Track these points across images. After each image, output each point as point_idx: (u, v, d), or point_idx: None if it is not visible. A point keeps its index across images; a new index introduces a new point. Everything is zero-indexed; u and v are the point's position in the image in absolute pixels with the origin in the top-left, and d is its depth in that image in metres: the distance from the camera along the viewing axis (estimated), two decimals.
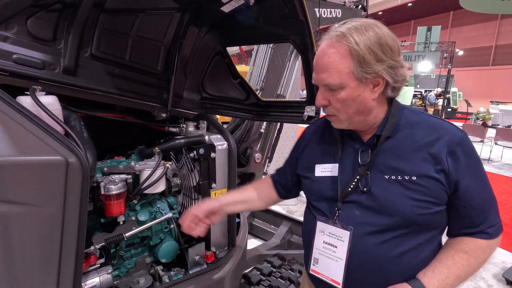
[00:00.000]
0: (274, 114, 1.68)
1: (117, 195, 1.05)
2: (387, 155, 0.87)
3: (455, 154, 0.82)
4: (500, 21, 17.89)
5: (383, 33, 0.82)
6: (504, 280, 2.71)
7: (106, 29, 1.23)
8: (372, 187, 0.87)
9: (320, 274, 0.94)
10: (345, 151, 0.95)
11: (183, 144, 1.31)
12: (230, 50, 1.69)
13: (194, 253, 1.27)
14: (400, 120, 0.89)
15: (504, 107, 13.30)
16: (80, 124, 1.08)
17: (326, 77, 0.83)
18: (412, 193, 0.82)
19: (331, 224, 0.91)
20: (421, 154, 0.83)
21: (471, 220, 0.85)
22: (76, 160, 0.81)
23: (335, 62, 0.82)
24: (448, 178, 0.81)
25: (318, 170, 0.99)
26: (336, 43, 0.82)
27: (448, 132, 0.84)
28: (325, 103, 0.88)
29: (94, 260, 1.07)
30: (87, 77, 1.23)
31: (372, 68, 0.80)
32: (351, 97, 0.84)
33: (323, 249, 0.93)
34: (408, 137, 0.87)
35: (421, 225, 0.84)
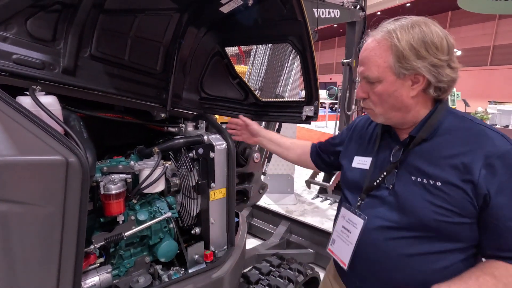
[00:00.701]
0: (273, 114, 1.69)
1: (116, 194, 1.05)
2: (418, 157, 0.87)
3: (493, 167, 0.76)
4: (498, 22, 17.96)
5: (431, 31, 0.82)
6: None
7: (105, 30, 1.24)
8: (396, 185, 0.88)
9: (333, 254, 1.03)
10: (382, 147, 0.98)
11: (182, 144, 1.31)
12: (228, 50, 1.70)
13: (193, 252, 1.28)
14: (442, 124, 0.86)
15: (502, 107, 13.32)
16: (79, 124, 1.08)
17: (365, 69, 0.88)
18: (433, 198, 0.80)
19: (351, 212, 0.98)
20: (453, 162, 0.80)
21: (506, 242, 0.78)
22: (76, 159, 0.81)
23: (375, 56, 0.85)
24: (476, 190, 0.77)
25: (355, 162, 1.04)
26: (380, 38, 0.86)
27: (491, 143, 0.79)
28: (364, 95, 0.92)
29: (94, 259, 1.07)
30: (87, 77, 1.24)
31: (410, 64, 0.81)
32: (387, 92, 0.86)
33: (340, 232, 1.01)
34: (445, 143, 0.84)
35: (437, 232, 0.81)
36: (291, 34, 1.35)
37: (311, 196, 4.72)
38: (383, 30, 0.86)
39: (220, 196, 1.40)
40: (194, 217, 1.39)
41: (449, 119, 0.87)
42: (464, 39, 19.48)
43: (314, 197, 4.68)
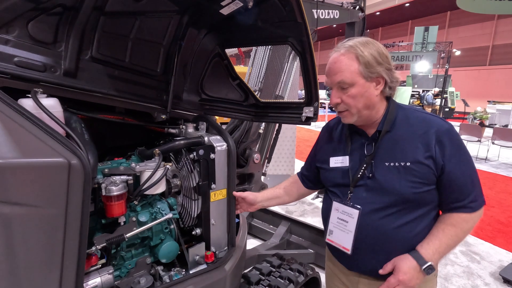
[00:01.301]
0: (273, 115, 1.69)
1: (118, 196, 1.06)
2: (387, 146, 1.08)
3: (442, 142, 1.01)
4: (496, 21, 18.00)
5: (379, 46, 1.07)
6: (501, 278, 2.74)
7: (106, 32, 1.24)
8: (375, 173, 1.08)
9: (333, 242, 1.19)
10: (354, 145, 1.17)
11: (183, 145, 1.32)
12: (228, 51, 1.70)
13: (194, 253, 1.28)
14: (397, 117, 1.10)
15: (501, 107, 13.38)
16: (81, 126, 1.09)
17: (340, 76, 1.06)
18: (406, 176, 1.03)
19: (344, 204, 1.15)
20: (414, 144, 1.04)
21: (456, 196, 1.04)
22: (78, 161, 0.82)
23: (346, 64, 1.05)
24: (436, 163, 1.01)
25: (332, 162, 1.22)
26: (345, 52, 1.06)
27: (436, 125, 1.04)
28: (338, 101, 1.09)
29: (96, 260, 1.08)
30: (88, 79, 1.24)
31: (374, 69, 1.04)
32: (360, 93, 1.05)
33: (337, 223, 1.17)
34: (404, 131, 1.07)
35: (415, 202, 1.04)
36: (291, 35, 1.36)
37: (311, 196, 4.73)
38: (346, 46, 1.07)
39: (220, 197, 1.41)
40: (195, 218, 1.39)
41: (400, 112, 1.11)
42: (463, 39, 19.52)
43: (314, 198, 4.68)
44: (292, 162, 4.62)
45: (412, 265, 1.03)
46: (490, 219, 4.06)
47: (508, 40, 17.57)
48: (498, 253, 3.21)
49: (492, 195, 5.03)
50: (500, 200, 4.81)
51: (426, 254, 1.03)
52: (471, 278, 2.77)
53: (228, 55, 1.68)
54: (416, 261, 1.03)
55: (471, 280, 2.74)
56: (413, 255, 1.04)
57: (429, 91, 15.55)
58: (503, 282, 2.71)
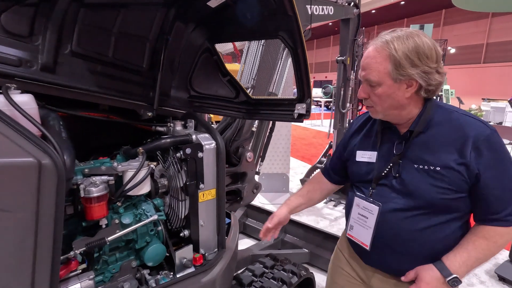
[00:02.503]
0: (264, 112, 1.64)
1: (98, 197, 1.00)
2: (418, 147, 1.02)
3: (479, 149, 0.93)
4: (491, 19, 18.09)
5: (423, 42, 0.96)
6: (497, 276, 2.72)
7: (87, 25, 1.18)
8: (402, 173, 1.04)
9: (353, 238, 1.19)
10: (384, 142, 1.13)
11: (169, 144, 1.27)
12: (224, 49, 1.65)
13: (181, 256, 1.24)
14: (433, 118, 1.03)
15: (495, 104, 13.46)
16: (59, 124, 1.03)
17: (367, 73, 1.02)
18: (435, 181, 0.97)
19: (365, 200, 1.12)
20: (448, 149, 0.97)
21: (493, 208, 0.96)
22: (50, 161, 0.76)
23: (376, 63, 1.00)
24: (469, 170, 0.93)
25: (359, 155, 1.19)
26: (380, 48, 0.99)
27: (476, 130, 0.95)
28: (365, 96, 1.06)
29: (75, 265, 1.02)
30: (67, 74, 1.18)
31: (406, 71, 0.96)
32: (386, 94, 1.01)
33: (357, 219, 1.16)
34: (438, 133, 1.00)
35: (441, 207, 0.98)
36: (282, 29, 1.31)
37: None
38: (382, 40, 0.99)
39: (209, 197, 1.36)
40: (183, 219, 1.34)
41: (438, 113, 1.03)
42: (458, 37, 19.61)
43: None
44: (287, 161, 4.58)
45: (435, 275, 0.98)
46: None
47: (503, 38, 17.66)
48: None
49: None
50: None
51: (451, 265, 0.97)
52: (466, 276, 2.75)
53: (224, 53, 1.63)
54: (440, 272, 0.97)
55: (466, 278, 2.72)
56: (438, 265, 0.99)
57: None
58: (498, 280, 2.70)
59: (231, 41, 1.60)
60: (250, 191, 2.50)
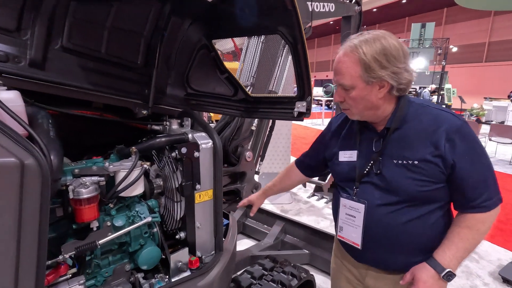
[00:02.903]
0: (264, 110, 1.59)
1: (88, 199, 0.96)
2: (396, 143, 1.06)
3: (452, 140, 0.97)
4: (493, 18, 17.99)
5: (389, 44, 0.99)
6: (501, 278, 2.67)
7: (78, 19, 1.14)
8: (382, 170, 1.07)
9: (344, 239, 1.19)
10: (363, 140, 1.16)
11: (164, 143, 1.22)
12: (224, 47, 1.60)
13: (176, 259, 1.19)
14: (407, 114, 1.06)
15: (497, 103, 13.38)
16: (47, 122, 0.98)
17: (341, 78, 1.04)
18: (414, 174, 1.00)
19: (351, 200, 1.14)
20: (424, 142, 1.00)
21: (469, 196, 1.00)
22: (33, 161, 0.72)
23: (347, 68, 1.02)
24: (445, 161, 0.97)
25: (341, 156, 1.21)
26: (349, 52, 1.02)
27: (447, 122, 0.99)
28: (340, 99, 1.09)
29: (65, 270, 0.98)
30: (58, 71, 1.14)
31: (376, 74, 0.99)
32: (360, 96, 1.03)
33: (345, 219, 1.17)
34: (413, 128, 1.04)
35: (422, 199, 1.02)
36: (281, 24, 1.26)
37: (307, 194, 4.65)
38: (351, 45, 1.02)
39: (206, 198, 1.31)
40: (179, 221, 1.30)
41: (411, 109, 1.07)
42: (460, 35, 19.50)
43: (310, 196, 4.61)
44: (287, 160, 4.53)
45: (430, 273, 1.02)
46: None
47: (505, 36, 17.55)
48: (496, 252, 3.15)
49: None
50: None
51: (443, 261, 1.01)
52: (470, 278, 2.70)
53: (224, 52, 1.58)
54: (434, 269, 1.01)
55: (470, 280, 2.67)
56: (430, 263, 1.03)
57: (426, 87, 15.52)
58: (502, 282, 2.65)
59: (229, 37, 1.56)
60: (250, 191, 2.45)
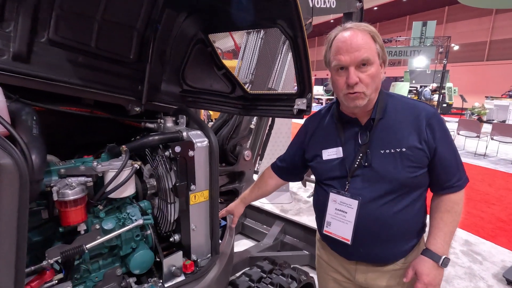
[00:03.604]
0: (262, 108, 1.53)
1: (74, 201, 0.90)
2: (381, 133, 1.07)
3: (431, 126, 1.03)
4: (494, 16, 17.89)
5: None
6: (505, 280, 2.62)
7: (65, 11, 1.07)
8: (372, 161, 1.07)
9: (332, 234, 1.17)
10: (347, 135, 1.14)
11: (157, 142, 1.16)
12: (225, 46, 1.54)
13: (169, 263, 1.14)
14: (387, 105, 1.10)
15: (498, 102, 13.30)
16: (31, 119, 0.93)
17: (363, 52, 0.99)
18: (402, 161, 1.03)
19: (343, 195, 1.12)
20: (407, 130, 1.04)
21: (446, 177, 1.07)
22: (10, 161, 0.66)
23: (368, 42, 1.00)
24: (429, 146, 1.03)
25: (325, 154, 1.18)
26: (361, 29, 1.01)
27: (423, 109, 1.06)
28: (357, 80, 1.01)
29: (50, 276, 0.92)
30: (44, 65, 1.08)
31: (384, 53, 1.05)
32: (376, 73, 1.02)
33: (335, 214, 1.15)
34: (395, 118, 1.07)
35: (410, 186, 1.05)
36: (280, 17, 1.20)
37: (307, 194, 4.59)
38: (357, 24, 1.03)
39: (202, 199, 1.26)
40: (173, 223, 1.24)
41: (391, 100, 1.11)
42: (461, 34, 19.40)
43: (310, 195, 4.55)
44: None
45: (430, 264, 1.06)
46: (490, 217, 3.94)
47: (506, 35, 17.44)
48: (500, 253, 3.09)
49: (492, 192, 4.92)
50: (500, 197, 4.70)
51: (437, 249, 1.06)
52: (473, 280, 2.64)
53: (224, 50, 1.52)
54: (432, 260, 1.06)
55: (473, 282, 2.62)
56: (427, 254, 1.07)
57: (427, 86, 15.43)
58: (506, 284, 2.59)
59: (227, 31, 1.49)
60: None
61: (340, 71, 1.04)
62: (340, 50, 1.01)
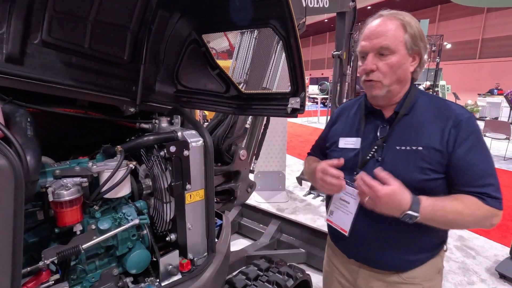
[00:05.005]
0: (257, 107, 1.54)
1: (70, 201, 0.91)
2: (402, 130, 1.03)
3: (458, 127, 0.96)
4: (486, 15, 18.10)
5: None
6: (497, 274, 2.67)
7: (58, 12, 1.08)
8: (385, 157, 1.03)
9: (332, 223, 1.16)
10: (368, 127, 1.12)
11: (152, 142, 1.17)
12: (220, 46, 1.55)
13: (166, 262, 1.14)
14: (417, 101, 1.04)
15: (491, 99, 13.47)
16: (26, 121, 0.93)
17: (383, 40, 0.97)
18: (416, 161, 0.96)
19: (348, 185, 1.08)
20: (430, 130, 0.98)
21: (465, 179, 0.96)
22: (5, 162, 0.67)
23: (392, 29, 0.98)
24: (448, 148, 0.96)
25: (342, 143, 1.17)
26: (389, 18, 1.00)
27: (457, 112, 0.99)
28: (374, 67, 1.00)
29: (47, 276, 0.92)
30: (38, 67, 1.08)
31: (417, 43, 0.99)
32: (398, 64, 0.99)
33: (338, 204, 1.13)
34: (422, 116, 1.02)
35: (421, 190, 0.95)
36: (272, 17, 1.21)
37: (303, 193, 4.62)
38: (390, 12, 1.01)
39: (197, 199, 1.26)
40: (169, 223, 1.25)
41: (421, 97, 1.06)
42: (453, 32, 19.59)
43: (306, 194, 4.58)
44: (283, 158, 4.49)
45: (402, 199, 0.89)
46: None
47: (498, 33, 17.65)
48: (493, 248, 3.15)
49: None
50: None
51: (423, 201, 0.91)
52: (467, 274, 2.69)
53: (219, 50, 1.53)
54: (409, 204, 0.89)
55: (467, 276, 2.66)
56: (413, 199, 0.90)
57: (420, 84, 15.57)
58: (499, 278, 2.64)
59: (220, 31, 1.50)
60: (244, 190, 2.41)
61: (362, 58, 1.04)
62: (364, 37, 1.02)
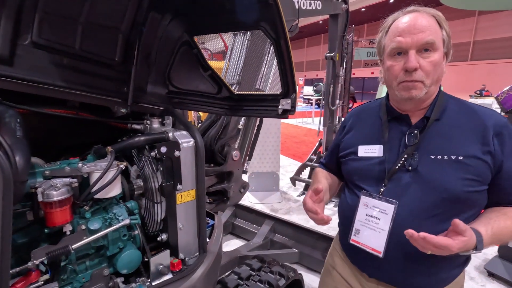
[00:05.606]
0: (248, 108, 1.56)
1: (59, 202, 0.91)
2: (434, 137, 0.94)
3: (501, 136, 0.88)
4: (477, 18, 18.41)
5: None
6: (486, 272, 2.72)
7: (49, 13, 1.08)
8: (418, 166, 0.93)
9: (360, 244, 1.00)
10: (391, 134, 1.02)
11: (143, 142, 1.18)
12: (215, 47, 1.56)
13: (156, 262, 1.15)
14: (447, 106, 0.97)
15: (482, 101, 13.70)
16: (15, 122, 0.93)
17: (428, 34, 0.88)
18: (458, 171, 0.88)
19: (376, 199, 0.97)
20: (468, 137, 0.90)
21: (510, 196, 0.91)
22: None
23: (433, 24, 0.90)
24: (494, 159, 0.88)
25: (361, 151, 1.06)
26: (427, 12, 0.92)
27: (493, 117, 0.92)
28: (417, 65, 0.89)
29: (36, 277, 0.93)
30: (28, 68, 1.08)
31: (450, 43, 0.93)
32: (439, 62, 0.91)
33: (365, 221, 0.99)
34: (455, 121, 0.94)
35: (464, 202, 0.89)
36: (263, 19, 1.23)
37: (297, 193, 4.65)
38: (422, 8, 0.93)
39: (188, 199, 1.27)
40: (160, 223, 1.26)
41: (451, 101, 0.98)
42: None
43: (300, 194, 4.60)
44: (277, 159, 4.52)
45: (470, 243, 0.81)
46: None
47: (489, 36, 17.98)
48: None
49: None
50: None
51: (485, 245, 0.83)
52: None
53: (214, 51, 1.55)
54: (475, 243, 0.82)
55: None
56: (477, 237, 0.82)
57: None
58: (487, 276, 2.69)
59: (211, 33, 1.52)
60: (237, 190, 2.42)
61: (397, 56, 0.92)
62: (400, 32, 0.90)
